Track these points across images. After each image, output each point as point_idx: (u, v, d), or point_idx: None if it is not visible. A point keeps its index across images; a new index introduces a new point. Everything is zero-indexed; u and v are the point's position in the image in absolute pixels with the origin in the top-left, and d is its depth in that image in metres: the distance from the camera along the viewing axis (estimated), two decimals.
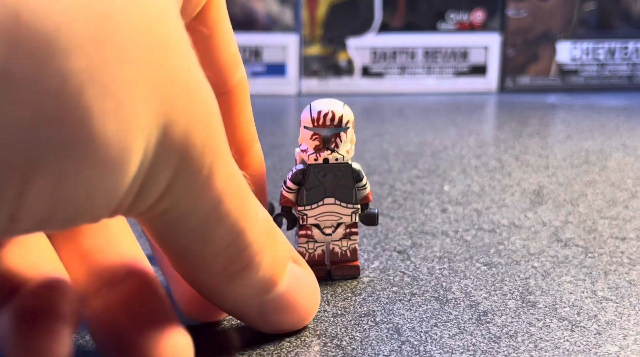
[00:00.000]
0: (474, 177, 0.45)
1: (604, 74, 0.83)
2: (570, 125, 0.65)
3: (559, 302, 0.27)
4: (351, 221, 0.28)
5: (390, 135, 0.59)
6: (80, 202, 0.15)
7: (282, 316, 0.23)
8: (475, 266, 0.30)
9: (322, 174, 0.27)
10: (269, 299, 0.22)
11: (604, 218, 0.37)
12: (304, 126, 0.27)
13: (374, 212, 0.29)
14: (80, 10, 0.14)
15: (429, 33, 0.80)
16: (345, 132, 0.27)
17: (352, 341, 0.24)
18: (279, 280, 0.22)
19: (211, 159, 0.17)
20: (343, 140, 0.27)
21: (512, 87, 0.83)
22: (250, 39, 0.78)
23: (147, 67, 0.15)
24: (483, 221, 0.37)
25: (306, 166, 0.27)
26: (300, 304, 0.23)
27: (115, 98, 0.14)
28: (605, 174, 0.47)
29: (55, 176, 0.14)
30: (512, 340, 0.24)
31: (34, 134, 0.13)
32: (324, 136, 0.27)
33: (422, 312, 0.26)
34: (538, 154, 0.52)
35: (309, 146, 0.27)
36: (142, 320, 0.19)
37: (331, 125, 0.27)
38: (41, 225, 0.15)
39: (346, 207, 0.28)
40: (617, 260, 0.31)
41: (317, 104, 0.27)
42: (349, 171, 0.28)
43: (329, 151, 0.27)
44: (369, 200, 0.28)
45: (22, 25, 0.13)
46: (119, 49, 0.14)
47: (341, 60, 0.80)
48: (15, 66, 0.13)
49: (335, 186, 0.28)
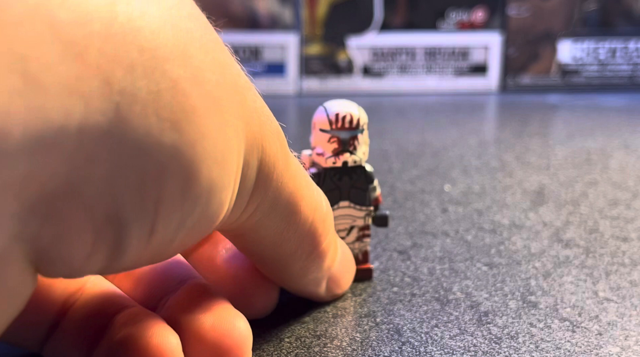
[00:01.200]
0: (475, 177, 0.45)
1: (605, 73, 0.83)
2: (572, 125, 0.65)
3: (560, 303, 0.27)
4: (364, 223, 0.28)
5: (390, 135, 0.59)
6: (196, 220, 0.16)
7: (340, 282, 0.26)
8: (476, 266, 0.30)
9: (338, 178, 0.27)
10: (333, 272, 0.25)
11: (605, 218, 0.37)
12: (320, 129, 0.26)
13: (386, 214, 0.28)
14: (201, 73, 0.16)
15: (430, 32, 0.80)
16: (362, 134, 0.26)
17: (353, 341, 0.24)
18: (338, 252, 0.25)
19: (281, 164, 0.20)
20: (360, 143, 0.26)
21: (512, 87, 0.83)
22: (250, 39, 0.78)
23: (233, 105, 0.17)
24: (484, 221, 0.36)
25: (321, 170, 0.27)
26: (349, 268, 0.26)
27: (219, 120, 0.16)
28: (607, 174, 0.46)
29: (181, 184, 0.15)
30: (513, 341, 0.24)
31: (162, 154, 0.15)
32: (343, 139, 0.26)
33: (423, 313, 0.26)
34: (539, 154, 0.52)
35: (326, 149, 0.26)
36: (201, 311, 0.21)
37: (349, 127, 0.26)
38: (168, 244, 0.16)
39: (360, 210, 0.27)
40: (619, 260, 0.31)
41: (332, 106, 0.26)
42: (363, 174, 0.27)
43: (347, 154, 0.26)
44: (380, 201, 0.28)
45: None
46: (213, 95, 0.16)
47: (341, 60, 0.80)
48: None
49: (350, 188, 0.27)
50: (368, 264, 0.29)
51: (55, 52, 0.13)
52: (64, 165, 0.13)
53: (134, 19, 0.14)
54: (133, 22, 0.14)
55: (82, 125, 0.13)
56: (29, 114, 0.12)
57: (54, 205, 0.13)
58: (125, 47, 0.14)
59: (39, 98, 0.12)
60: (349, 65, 0.79)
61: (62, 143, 0.13)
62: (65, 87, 0.13)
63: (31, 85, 0.12)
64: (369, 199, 0.27)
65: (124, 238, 0.15)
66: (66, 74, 0.13)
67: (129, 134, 0.14)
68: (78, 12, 0.13)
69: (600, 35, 0.82)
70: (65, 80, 0.13)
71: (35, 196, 0.13)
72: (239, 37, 0.78)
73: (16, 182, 0.12)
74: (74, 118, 0.13)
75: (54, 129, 0.13)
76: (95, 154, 0.13)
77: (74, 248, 0.14)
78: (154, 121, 0.14)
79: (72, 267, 0.15)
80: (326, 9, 0.79)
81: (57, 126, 0.13)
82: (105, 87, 0.13)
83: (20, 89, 0.12)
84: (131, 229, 0.15)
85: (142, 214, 0.15)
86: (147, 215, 0.15)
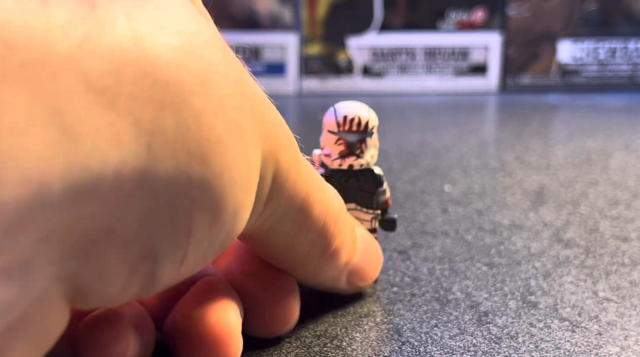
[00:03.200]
0: (475, 177, 0.45)
1: (605, 73, 0.83)
2: (572, 125, 0.65)
3: (560, 303, 0.27)
4: (371, 227, 0.27)
5: (390, 135, 0.59)
6: (222, 240, 0.17)
7: (363, 275, 0.26)
8: (476, 267, 0.30)
9: (345, 180, 0.26)
10: (353, 266, 0.25)
11: (605, 218, 0.37)
12: (328, 130, 0.26)
13: (394, 218, 0.28)
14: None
15: (429, 32, 0.80)
16: (371, 138, 0.26)
17: (352, 341, 0.24)
18: (357, 246, 0.25)
19: (294, 173, 0.20)
20: (368, 146, 0.26)
21: (512, 87, 0.83)
22: (250, 39, 0.78)
23: (254, 126, 0.17)
24: (484, 221, 0.36)
25: (329, 171, 0.26)
26: (373, 260, 0.26)
27: (241, 145, 0.17)
28: (607, 174, 0.46)
29: (210, 214, 0.16)
30: (512, 341, 0.24)
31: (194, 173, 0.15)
32: (349, 142, 0.26)
33: (423, 313, 0.26)
34: (539, 154, 0.52)
35: (333, 151, 0.26)
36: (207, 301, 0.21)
37: (357, 130, 0.25)
38: (197, 266, 0.17)
39: (367, 213, 0.27)
40: (619, 260, 0.31)
41: (342, 108, 0.26)
42: (371, 176, 0.27)
43: (354, 157, 0.26)
44: (389, 205, 0.28)
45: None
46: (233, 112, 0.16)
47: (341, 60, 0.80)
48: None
49: (357, 191, 0.27)
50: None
51: (89, 102, 0.13)
52: (102, 210, 0.13)
53: (160, 54, 0.14)
54: (160, 58, 0.14)
55: (117, 170, 0.13)
56: (68, 165, 0.13)
57: (92, 247, 0.14)
58: (154, 87, 0.14)
59: (76, 148, 0.13)
60: (349, 66, 0.79)
61: (100, 189, 0.13)
62: (100, 135, 0.13)
63: (68, 137, 0.13)
64: (377, 202, 0.27)
65: (157, 270, 0.15)
66: (100, 122, 0.13)
67: (161, 173, 0.14)
68: (109, 60, 0.13)
69: (600, 35, 0.82)
70: (99, 129, 0.13)
71: (74, 241, 0.13)
72: (239, 37, 0.78)
73: (58, 230, 0.13)
74: (110, 164, 0.13)
75: (93, 176, 0.13)
76: (130, 195, 0.14)
77: (109, 284, 0.15)
78: (183, 157, 0.14)
79: (107, 300, 0.15)
80: (326, 9, 0.79)
81: (95, 174, 0.13)
82: (137, 129, 0.14)
83: (58, 141, 0.12)
84: (164, 262, 0.15)
85: (174, 248, 0.15)
86: (179, 248, 0.15)
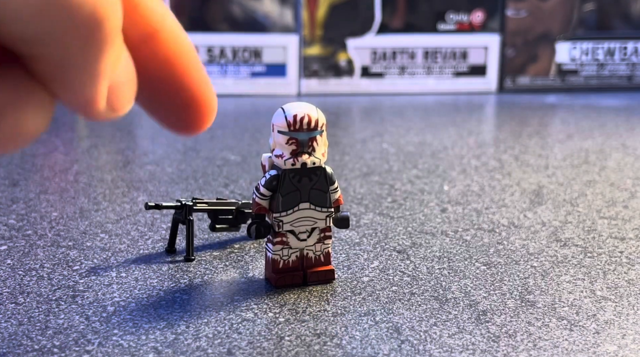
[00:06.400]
0: (474, 177, 0.46)
1: (604, 74, 0.83)
2: (570, 125, 0.65)
3: (558, 302, 0.27)
4: (325, 225, 0.28)
5: (390, 136, 0.59)
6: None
7: (120, 95, 0.25)
8: (475, 266, 0.30)
9: (297, 179, 0.27)
10: (114, 81, 0.23)
11: (603, 218, 0.37)
12: (278, 131, 0.26)
13: (347, 215, 0.28)
14: None
15: (429, 33, 0.81)
16: (321, 135, 0.27)
17: (352, 340, 0.24)
18: (121, 57, 0.23)
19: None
20: (319, 144, 0.27)
21: (511, 88, 0.83)
22: (250, 40, 0.78)
23: None
24: (482, 220, 0.37)
25: (280, 172, 0.27)
26: (131, 81, 0.26)
27: None
28: (605, 174, 0.47)
29: None
30: (511, 339, 0.24)
31: None
32: (301, 140, 0.26)
33: (422, 312, 0.26)
34: (538, 154, 0.52)
35: (285, 151, 0.26)
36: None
37: (307, 129, 0.26)
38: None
39: (321, 211, 0.28)
40: (616, 260, 0.31)
41: (291, 108, 0.26)
42: (323, 175, 0.27)
43: (306, 155, 0.27)
44: (341, 202, 0.28)
45: None
46: None
47: (341, 61, 0.80)
48: None
49: (310, 190, 0.27)
50: (330, 265, 0.29)
51: None
52: None
53: None
54: None
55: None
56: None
57: None
58: None
59: None
60: (349, 66, 0.80)
61: None
62: None
63: None
64: (330, 201, 0.28)
65: None
66: None
67: None
68: None
69: (598, 36, 0.83)
70: None
71: None
72: (240, 38, 0.78)
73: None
74: None
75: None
76: None
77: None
78: None
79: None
80: (326, 10, 0.79)
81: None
82: None
83: None
84: None
85: None
86: None
